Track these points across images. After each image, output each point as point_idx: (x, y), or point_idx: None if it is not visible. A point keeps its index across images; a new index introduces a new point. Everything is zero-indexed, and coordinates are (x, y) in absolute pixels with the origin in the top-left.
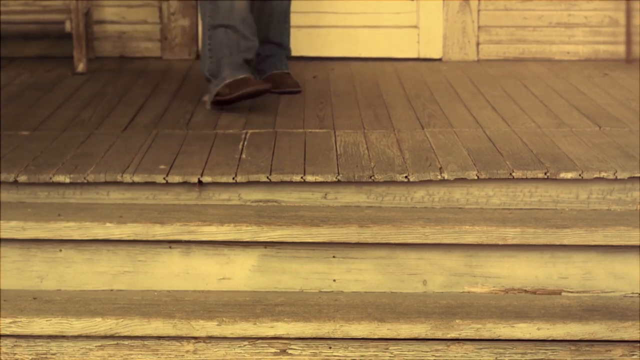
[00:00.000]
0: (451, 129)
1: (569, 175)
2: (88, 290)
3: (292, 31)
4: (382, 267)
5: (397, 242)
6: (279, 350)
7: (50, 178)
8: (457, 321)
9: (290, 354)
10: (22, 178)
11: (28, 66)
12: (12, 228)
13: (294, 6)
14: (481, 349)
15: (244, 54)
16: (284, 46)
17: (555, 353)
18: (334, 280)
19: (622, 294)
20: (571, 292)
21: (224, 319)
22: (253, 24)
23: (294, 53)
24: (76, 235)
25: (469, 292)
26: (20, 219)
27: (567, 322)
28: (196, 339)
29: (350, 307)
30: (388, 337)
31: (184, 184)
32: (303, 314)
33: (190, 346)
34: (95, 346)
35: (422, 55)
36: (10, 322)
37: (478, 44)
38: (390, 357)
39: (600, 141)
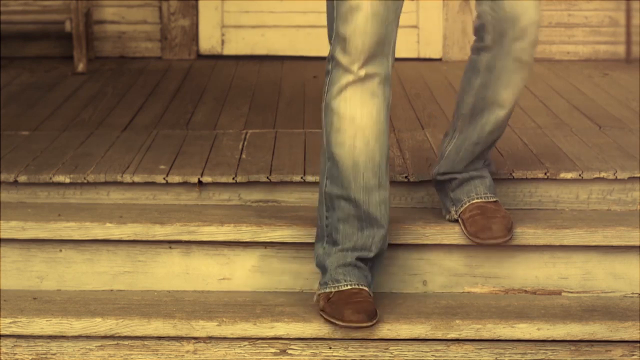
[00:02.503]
0: None
1: (569, 175)
2: (88, 291)
3: (292, 31)
4: (382, 267)
5: (397, 242)
6: (279, 351)
7: (50, 178)
8: (457, 321)
9: (290, 354)
10: (22, 178)
11: (28, 66)
12: (12, 228)
13: (294, 6)
14: (481, 349)
15: (359, 251)
16: (488, 161)
17: (555, 353)
18: None
19: (622, 294)
20: (571, 292)
21: (224, 319)
22: (386, 198)
23: (295, 53)
24: (76, 235)
25: (469, 292)
26: (20, 219)
27: (567, 322)
28: (196, 339)
29: None
30: (388, 337)
31: (184, 184)
32: (303, 315)
33: (190, 346)
34: (95, 346)
35: (422, 55)
36: (10, 322)
37: None
38: (390, 357)
39: (600, 141)
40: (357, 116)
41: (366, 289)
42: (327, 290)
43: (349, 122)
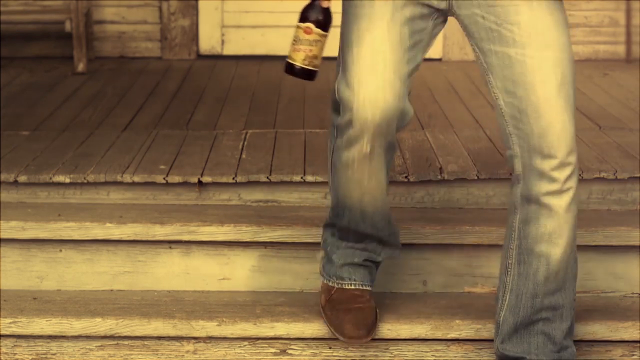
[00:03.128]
0: (451, 129)
1: None
2: (88, 291)
3: (292, 31)
4: (382, 267)
5: None
6: (279, 351)
7: (50, 178)
8: (457, 321)
9: (290, 354)
10: (22, 178)
11: (28, 66)
12: (12, 228)
13: (294, 6)
14: (481, 349)
15: (368, 252)
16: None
17: None
18: None
19: (622, 294)
20: None
21: (224, 319)
22: (394, 230)
23: None
24: (76, 235)
25: (469, 292)
26: (20, 219)
27: None
28: (196, 339)
29: None
30: (388, 337)
31: (184, 184)
32: (303, 314)
33: (190, 346)
34: (95, 346)
35: None
36: (10, 322)
37: None
38: (390, 357)
39: (600, 141)
40: (364, 184)
41: (368, 289)
42: (330, 284)
43: (356, 186)
